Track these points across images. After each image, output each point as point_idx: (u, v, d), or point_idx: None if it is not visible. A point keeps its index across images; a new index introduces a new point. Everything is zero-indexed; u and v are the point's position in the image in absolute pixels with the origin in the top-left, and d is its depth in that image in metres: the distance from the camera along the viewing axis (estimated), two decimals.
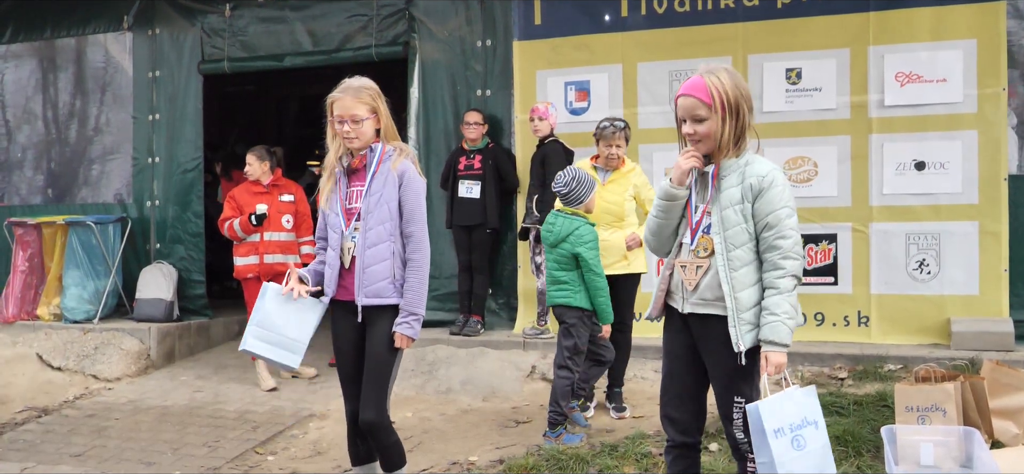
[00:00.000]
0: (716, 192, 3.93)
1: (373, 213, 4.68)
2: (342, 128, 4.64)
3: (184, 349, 9.69)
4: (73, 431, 7.34)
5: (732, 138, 3.88)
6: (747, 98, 3.90)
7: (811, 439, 3.74)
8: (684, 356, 4.07)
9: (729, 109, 3.84)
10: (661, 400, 4.22)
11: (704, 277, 3.93)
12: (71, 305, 9.73)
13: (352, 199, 4.74)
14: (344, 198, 4.74)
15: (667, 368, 4.18)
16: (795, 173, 7.85)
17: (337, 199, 4.74)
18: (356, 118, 4.62)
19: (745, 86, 3.91)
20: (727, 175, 3.91)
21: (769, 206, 3.81)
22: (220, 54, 9.96)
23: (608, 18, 8.41)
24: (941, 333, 7.54)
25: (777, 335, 3.74)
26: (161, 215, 10.24)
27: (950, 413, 5.31)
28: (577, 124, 8.34)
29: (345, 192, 4.75)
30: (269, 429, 7.17)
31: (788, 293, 3.78)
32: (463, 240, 8.51)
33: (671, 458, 4.17)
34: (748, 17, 7.99)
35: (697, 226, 3.99)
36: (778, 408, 3.69)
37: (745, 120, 3.88)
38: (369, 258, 4.68)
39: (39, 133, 11.02)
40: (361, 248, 4.67)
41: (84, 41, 10.72)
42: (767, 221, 3.81)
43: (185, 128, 10.14)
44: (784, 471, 3.63)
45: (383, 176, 4.72)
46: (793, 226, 3.82)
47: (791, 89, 7.89)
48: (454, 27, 9.08)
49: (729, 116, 3.85)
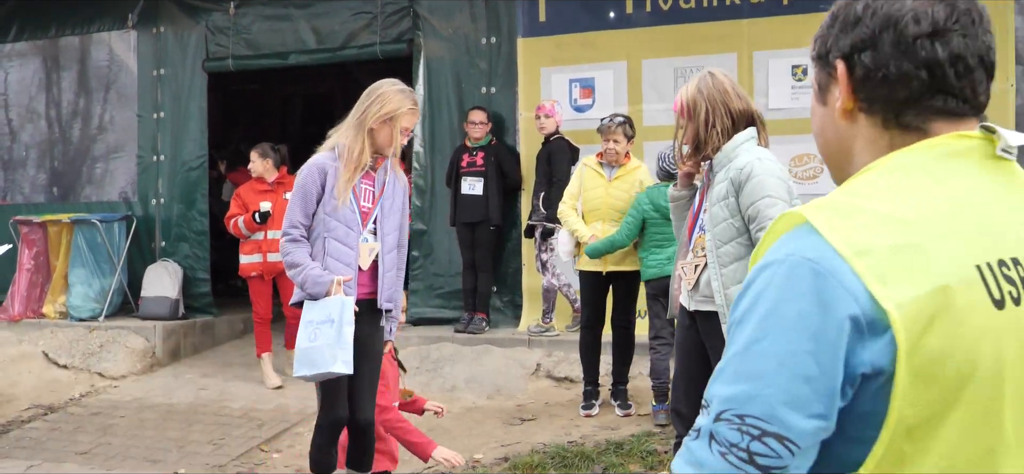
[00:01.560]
0: (709, 190, 3.97)
1: (388, 218, 4.69)
2: (401, 139, 4.63)
3: (189, 347, 9.70)
4: (79, 429, 7.35)
5: (702, 137, 3.95)
6: (712, 98, 3.95)
7: None
8: (693, 352, 4.08)
9: (688, 113, 3.94)
10: (672, 396, 4.24)
11: (702, 274, 3.95)
12: (76, 303, 9.74)
13: (362, 197, 4.67)
14: (359, 195, 4.66)
15: (678, 364, 4.20)
16: (800, 170, 7.83)
17: (353, 196, 4.62)
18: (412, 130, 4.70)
19: (715, 87, 3.97)
20: (718, 171, 3.95)
21: (749, 199, 3.82)
22: (225, 52, 9.96)
23: (613, 15, 8.40)
24: None
25: None
26: (166, 213, 10.25)
27: None
28: (582, 121, 8.33)
29: (359, 189, 4.65)
30: (274, 427, 7.18)
31: None
32: (466, 237, 8.51)
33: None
34: (753, 14, 7.98)
35: (693, 225, 4.03)
36: None
37: (703, 118, 3.93)
38: (388, 263, 4.69)
39: (44, 132, 11.02)
40: (382, 252, 4.67)
41: (88, 40, 10.73)
42: (749, 213, 3.83)
43: (190, 126, 10.14)
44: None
45: (392, 182, 4.72)
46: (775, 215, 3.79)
47: (797, 86, 7.87)
48: (458, 24, 9.08)
49: (689, 119, 3.93)
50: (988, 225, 1.34)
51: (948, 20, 1.40)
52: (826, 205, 1.35)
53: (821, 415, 1.25)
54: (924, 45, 1.39)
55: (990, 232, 1.33)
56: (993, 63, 1.48)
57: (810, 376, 1.24)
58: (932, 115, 1.42)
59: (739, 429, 1.27)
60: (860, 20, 1.47)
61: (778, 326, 1.28)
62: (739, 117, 3.95)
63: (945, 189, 1.36)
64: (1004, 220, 1.36)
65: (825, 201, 1.36)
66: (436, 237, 9.04)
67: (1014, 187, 1.42)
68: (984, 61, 1.46)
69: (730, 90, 3.97)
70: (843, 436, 1.28)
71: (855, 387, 1.26)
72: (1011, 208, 1.38)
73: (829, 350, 1.24)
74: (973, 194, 1.37)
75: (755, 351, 1.30)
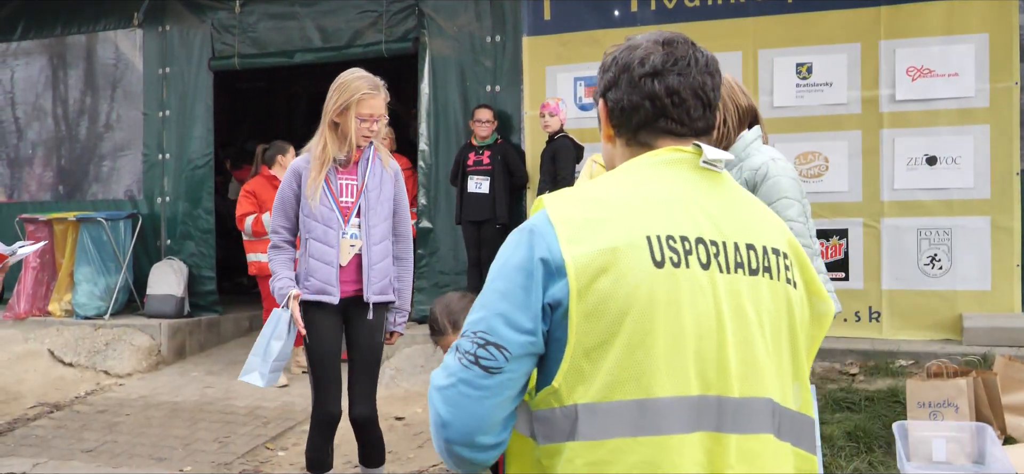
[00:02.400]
0: None
1: (374, 210, 4.65)
2: (366, 127, 4.59)
3: (195, 345, 9.72)
4: (84, 427, 7.36)
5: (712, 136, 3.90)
6: (721, 95, 3.91)
7: None
8: None
9: None
10: None
11: None
12: (82, 301, 9.76)
13: (343, 193, 4.64)
14: (336, 191, 4.64)
15: None
16: (806, 168, 7.82)
17: (328, 192, 4.61)
18: (381, 116, 4.62)
19: (724, 83, 3.92)
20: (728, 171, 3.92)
21: (765, 199, 3.76)
22: (230, 50, 9.97)
23: (618, 13, 8.40)
24: (953, 329, 7.52)
25: None
26: (172, 211, 10.26)
27: (962, 409, 5.30)
28: (587, 120, 8.33)
29: (335, 185, 4.63)
30: (280, 424, 7.19)
31: None
32: (472, 236, 8.51)
33: None
34: (759, 12, 7.97)
35: None
36: None
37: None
38: (375, 255, 4.66)
39: (50, 130, 11.05)
40: (367, 245, 4.64)
41: (94, 38, 10.75)
42: None
43: (195, 125, 10.16)
44: None
45: (378, 172, 4.69)
46: (796, 215, 3.77)
47: (801, 84, 7.86)
48: (464, 23, 9.08)
49: None
50: (669, 210, 1.84)
51: (665, 63, 1.92)
52: (561, 192, 1.91)
53: (529, 332, 1.78)
54: (647, 82, 1.93)
55: (668, 214, 1.83)
56: (709, 97, 1.97)
57: (519, 303, 1.79)
58: (659, 135, 1.96)
59: (471, 341, 1.81)
60: (608, 68, 2.00)
61: (503, 271, 1.83)
62: (745, 114, 3.93)
63: (647, 185, 1.88)
64: (686, 209, 1.86)
65: (564, 190, 1.92)
66: (441, 235, 9.05)
67: (712, 190, 1.92)
68: (699, 94, 1.96)
69: (736, 87, 3.94)
70: (547, 357, 1.81)
71: (550, 315, 1.79)
72: (697, 202, 1.88)
73: (532, 284, 1.78)
74: (669, 190, 1.88)
75: (489, 289, 1.84)
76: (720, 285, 1.82)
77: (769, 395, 1.85)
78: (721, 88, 3.91)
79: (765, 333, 1.86)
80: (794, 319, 1.92)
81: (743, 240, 1.88)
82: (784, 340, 1.90)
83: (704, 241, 1.84)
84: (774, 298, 1.89)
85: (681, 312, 1.78)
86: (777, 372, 1.88)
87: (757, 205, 2.01)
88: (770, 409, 1.85)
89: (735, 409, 1.80)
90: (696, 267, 1.81)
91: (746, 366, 1.82)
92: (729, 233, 1.87)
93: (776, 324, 1.89)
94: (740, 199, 1.96)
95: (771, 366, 1.86)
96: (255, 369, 4.68)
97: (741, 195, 1.98)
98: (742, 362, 1.82)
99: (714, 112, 2.00)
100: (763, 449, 1.84)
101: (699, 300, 1.79)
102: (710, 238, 1.85)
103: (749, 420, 1.82)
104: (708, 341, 1.79)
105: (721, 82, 2.02)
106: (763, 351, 1.85)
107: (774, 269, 1.90)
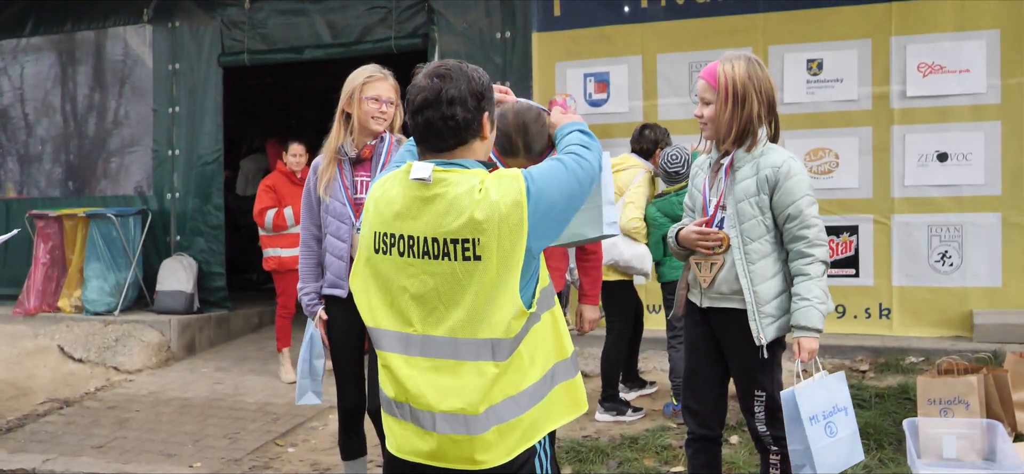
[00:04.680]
0: (730, 184, 3.88)
1: None
2: (375, 108, 4.58)
3: (204, 341, 9.73)
4: (94, 423, 7.38)
5: (737, 127, 3.81)
6: (763, 90, 3.80)
7: (842, 425, 3.75)
8: (704, 349, 4.05)
9: (734, 98, 3.78)
10: (683, 392, 4.20)
11: (719, 272, 3.90)
12: (92, 297, 9.79)
13: (359, 189, 4.63)
14: (350, 187, 4.63)
15: (688, 362, 4.16)
16: (816, 165, 7.80)
17: (341, 187, 4.60)
18: (391, 101, 4.61)
19: (765, 78, 3.84)
20: (741, 167, 3.86)
21: (789, 197, 3.76)
22: (240, 47, 9.98)
23: (628, 9, 8.38)
24: (963, 325, 7.49)
25: (809, 320, 3.71)
26: (181, 207, 10.28)
27: (973, 406, 5.28)
28: (596, 116, 8.32)
29: (350, 181, 4.63)
30: (289, 421, 7.19)
31: (818, 279, 3.75)
32: None
33: (692, 451, 4.15)
34: (769, 8, 7.95)
35: (710, 221, 3.95)
36: (812, 394, 3.69)
37: (753, 111, 3.79)
38: None
39: (59, 126, 11.07)
40: None
41: (104, 34, 10.77)
42: (788, 213, 3.76)
43: (205, 121, 10.17)
44: (818, 457, 3.64)
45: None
46: (815, 214, 3.78)
47: (812, 80, 7.84)
48: (473, 19, 9.07)
49: (734, 105, 3.79)
50: (385, 212, 2.85)
51: (413, 103, 2.84)
52: None
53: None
54: (410, 114, 2.87)
55: (384, 215, 2.85)
56: (451, 126, 2.81)
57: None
58: (424, 152, 2.88)
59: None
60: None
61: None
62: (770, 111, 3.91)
63: (390, 190, 2.88)
64: (393, 212, 2.83)
65: None
66: None
67: (416, 199, 2.79)
68: (437, 124, 2.80)
69: (772, 82, 3.90)
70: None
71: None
72: (399, 208, 2.82)
73: None
74: (393, 195, 2.85)
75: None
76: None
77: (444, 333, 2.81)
78: (764, 81, 3.84)
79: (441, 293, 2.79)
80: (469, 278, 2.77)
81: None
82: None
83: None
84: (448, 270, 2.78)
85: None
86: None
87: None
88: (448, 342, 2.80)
89: (421, 342, 2.84)
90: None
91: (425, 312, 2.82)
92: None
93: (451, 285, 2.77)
94: None
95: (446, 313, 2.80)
96: (308, 390, 5.01)
97: None
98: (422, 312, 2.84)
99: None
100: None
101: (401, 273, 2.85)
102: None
103: (437, 348, 2.81)
104: (401, 297, 2.85)
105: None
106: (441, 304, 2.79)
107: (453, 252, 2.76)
